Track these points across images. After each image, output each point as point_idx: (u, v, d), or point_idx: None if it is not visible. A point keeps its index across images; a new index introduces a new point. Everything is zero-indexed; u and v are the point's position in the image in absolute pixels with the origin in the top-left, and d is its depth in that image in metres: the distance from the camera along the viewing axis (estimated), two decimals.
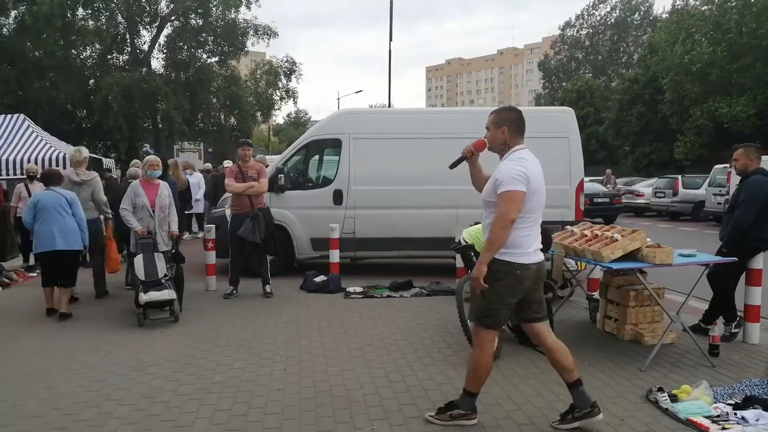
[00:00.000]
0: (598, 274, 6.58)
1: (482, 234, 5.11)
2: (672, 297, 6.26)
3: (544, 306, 3.68)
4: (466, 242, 5.28)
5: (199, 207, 13.39)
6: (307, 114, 74.70)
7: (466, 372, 3.62)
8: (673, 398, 3.88)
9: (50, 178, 6.63)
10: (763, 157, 5.59)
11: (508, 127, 3.47)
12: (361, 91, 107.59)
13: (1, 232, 9.51)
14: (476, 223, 6.97)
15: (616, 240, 4.81)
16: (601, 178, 22.96)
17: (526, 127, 3.54)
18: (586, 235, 5.24)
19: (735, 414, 3.63)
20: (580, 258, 5.13)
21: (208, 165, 17.46)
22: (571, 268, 6.97)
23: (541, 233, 5.01)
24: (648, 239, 4.89)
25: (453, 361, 4.84)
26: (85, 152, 7.27)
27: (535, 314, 3.58)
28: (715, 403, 3.82)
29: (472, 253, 5.17)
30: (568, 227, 5.64)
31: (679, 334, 5.29)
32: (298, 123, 70.68)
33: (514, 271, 3.37)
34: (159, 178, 6.70)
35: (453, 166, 3.89)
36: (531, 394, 4.11)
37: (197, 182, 13.49)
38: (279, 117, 72.45)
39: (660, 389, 3.96)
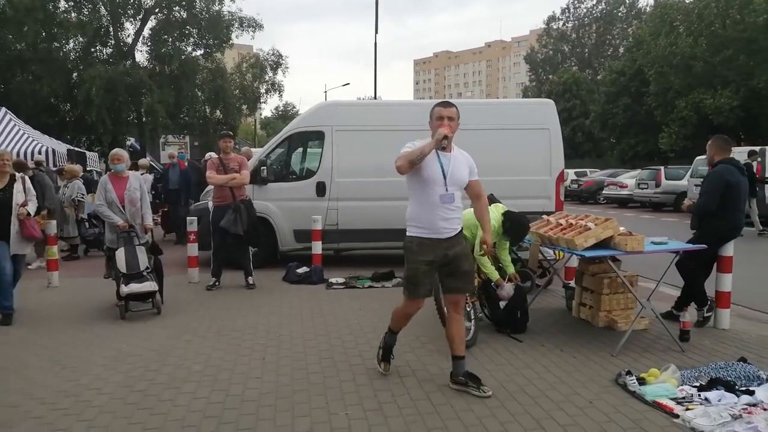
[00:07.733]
0: (574, 262, 6.69)
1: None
2: (646, 284, 6.39)
3: None
4: None
5: None
6: (294, 107, 74.39)
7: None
8: (641, 381, 3.98)
9: None
10: (735, 149, 5.72)
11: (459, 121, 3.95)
12: (348, 83, 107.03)
13: None
14: None
15: (589, 228, 4.90)
16: (584, 170, 23.15)
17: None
18: (561, 224, 5.34)
19: (699, 395, 3.74)
20: (555, 246, 5.23)
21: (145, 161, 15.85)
22: (548, 257, 7.10)
23: (518, 222, 5.14)
24: (621, 227, 4.99)
25: (429, 348, 4.93)
26: None
27: None
28: (681, 385, 3.93)
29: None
30: (544, 216, 5.73)
31: (653, 320, 5.41)
32: (286, 116, 70.27)
33: None
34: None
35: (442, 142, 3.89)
36: (503, 380, 4.20)
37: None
38: (266, 110, 72.12)
39: (629, 373, 4.06)
